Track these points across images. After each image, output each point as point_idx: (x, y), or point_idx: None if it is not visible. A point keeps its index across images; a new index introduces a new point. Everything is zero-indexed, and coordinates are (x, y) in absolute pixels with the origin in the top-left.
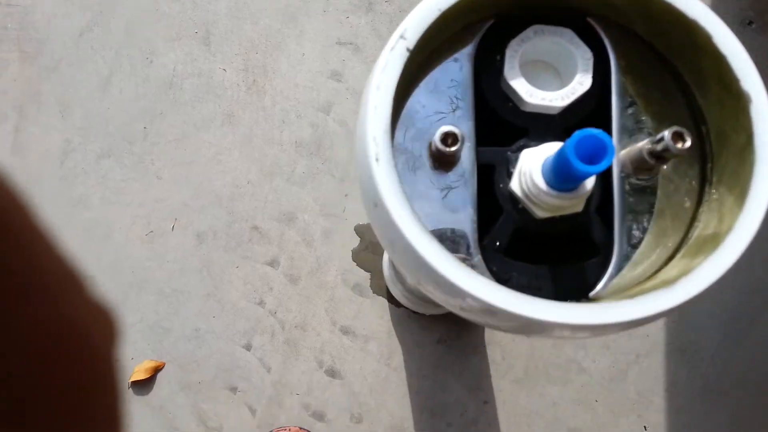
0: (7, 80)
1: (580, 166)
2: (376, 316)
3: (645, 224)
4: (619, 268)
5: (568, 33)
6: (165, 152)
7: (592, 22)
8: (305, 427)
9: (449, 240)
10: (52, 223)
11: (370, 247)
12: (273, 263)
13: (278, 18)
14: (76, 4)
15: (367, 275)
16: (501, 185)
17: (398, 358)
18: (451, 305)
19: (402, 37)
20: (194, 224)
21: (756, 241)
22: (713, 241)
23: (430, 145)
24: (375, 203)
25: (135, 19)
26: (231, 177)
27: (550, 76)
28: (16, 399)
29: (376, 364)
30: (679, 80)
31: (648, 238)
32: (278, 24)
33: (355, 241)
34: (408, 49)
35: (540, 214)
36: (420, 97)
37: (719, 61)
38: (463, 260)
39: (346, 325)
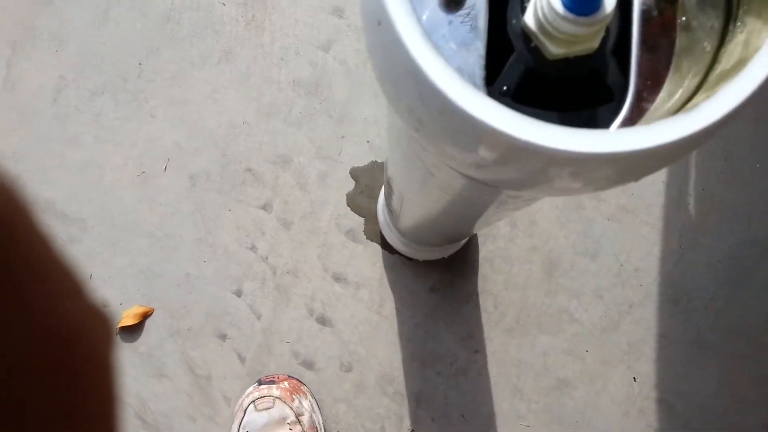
0: (0, 14)
1: None
2: (369, 262)
3: (663, 65)
4: (634, 112)
5: None
6: (160, 90)
7: None
8: (294, 376)
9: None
10: (43, 164)
11: (365, 191)
12: (266, 207)
13: None
14: None
15: (361, 220)
16: (513, 21)
17: (390, 306)
18: (463, 153)
19: None
20: (187, 166)
21: (755, 194)
22: (738, 67)
23: None
24: (379, 20)
25: None
26: (226, 117)
27: None
28: (16, 399)
29: (367, 312)
30: None
31: (667, 80)
32: None
33: (351, 185)
34: None
35: (553, 50)
36: None
37: None
38: None
39: (338, 271)
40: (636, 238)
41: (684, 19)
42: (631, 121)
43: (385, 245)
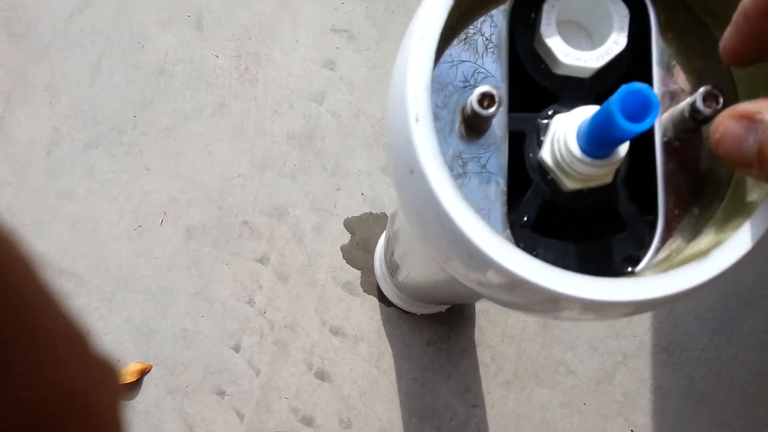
0: None
1: (625, 125)
2: (366, 315)
3: (683, 195)
4: (657, 242)
5: None
6: (154, 142)
7: None
8: None
9: (478, 213)
10: (37, 217)
11: (361, 244)
12: (263, 260)
13: (272, 3)
14: None
15: (358, 273)
16: (531, 155)
17: (388, 359)
18: (473, 280)
19: None
20: (183, 219)
21: None
22: (746, 210)
23: (463, 109)
24: (411, 170)
25: (126, 1)
26: (221, 169)
27: (581, 38)
28: None
29: (365, 366)
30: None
31: (690, 211)
32: (272, 9)
33: (346, 238)
34: None
35: (569, 185)
36: (452, 57)
37: None
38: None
39: (335, 325)
40: None
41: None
42: (657, 251)
43: (382, 298)
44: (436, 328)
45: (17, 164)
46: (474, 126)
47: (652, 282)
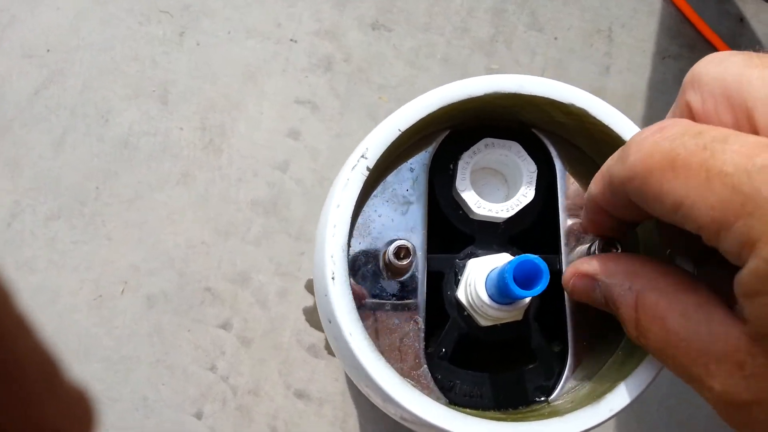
0: None
1: (517, 291)
2: (331, 377)
3: (590, 329)
4: (567, 373)
5: (516, 146)
6: (117, 213)
7: (538, 134)
8: None
9: (397, 349)
10: None
11: None
12: (226, 326)
13: (237, 77)
14: (33, 62)
15: (322, 335)
16: (449, 292)
17: (353, 421)
18: (393, 415)
19: (363, 156)
20: (144, 287)
21: None
22: (641, 353)
23: (383, 255)
24: (329, 319)
25: (93, 77)
26: (184, 238)
27: (498, 182)
28: None
29: (330, 429)
30: None
31: (595, 343)
32: (237, 83)
33: (310, 300)
34: (368, 168)
35: (483, 322)
36: (376, 206)
37: None
38: (410, 374)
39: (300, 388)
40: None
41: None
42: (567, 380)
43: None
44: None
45: None
46: (393, 270)
47: (546, 427)
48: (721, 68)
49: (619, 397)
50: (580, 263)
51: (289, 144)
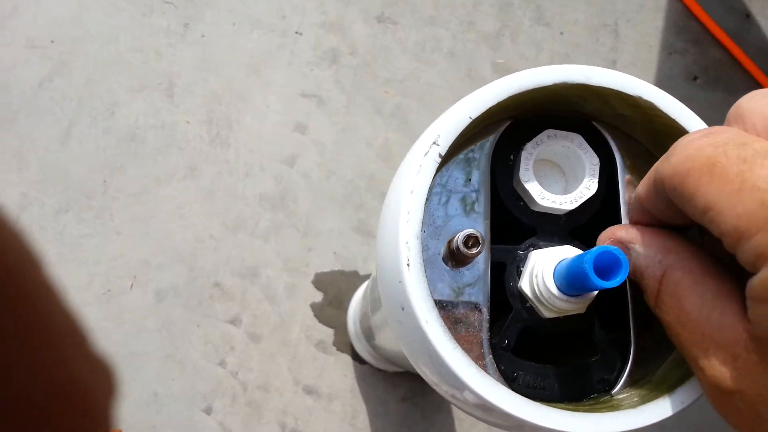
0: None
1: (597, 281)
2: (340, 373)
3: (653, 322)
4: (630, 368)
5: (578, 138)
6: (125, 207)
7: (598, 126)
8: None
9: (464, 339)
10: None
11: (333, 303)
12: (235, 321)
13: (242, 70)
14: (36, 53)
15: (331, 331)
16: (511, 283)
17: (363, 417)
18: (461, 404)
19: (435, 143)
20: (153, 282)
21: None
22: None
23: (448, 243)
24: (402, 307)
25: (97, 69)
26: (192, 232)
27: (556, 174)
28: None
29: (340, 425)
30: None
31: (657, 337)
32: (243, 76)
33: (319, 296)
34: (440, 155)
35: (547, 314)
36: (438, 194)
37: None
38: (476, 360)
39: (309, 384)
40: None
41: None
42: (631, 374)
43: (356, 356)
44: (410, 384)
45: None
46: (459, 259)
47: (613, 418)
48: (763, 103)
49: (690, 390)
50: (617, 228)
51: (296, 138)
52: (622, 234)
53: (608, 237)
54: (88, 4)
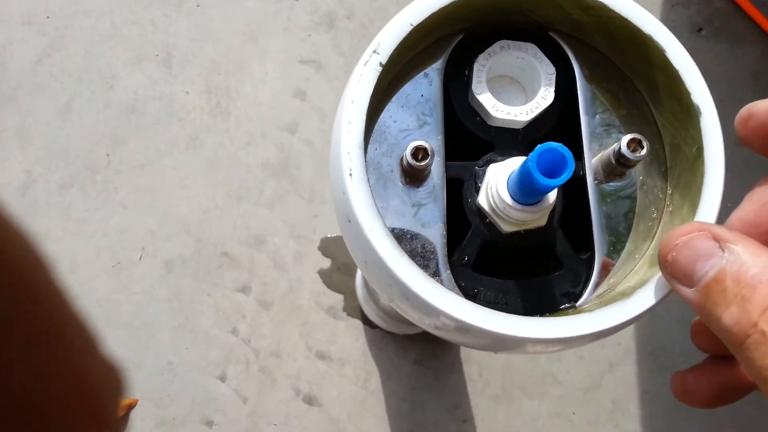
0: None
1: (542, 180)
2: (351, 338)
3: (617, 234)
4: (595, 279)
5: (532, 48)
6: (128, 179)
7: (554, 36)
8: None
9: (419, 255)
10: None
11: (342, 268)
12: (244, 289)
13: (239, 38)
14: (33, 29)
15: (341, 297)
16: (469, 200)
17: (375, 380)
18: (425, 324)
19: (375, 51)
20: (161, 253)
21: None
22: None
23: (401, 160)
24: (348, 218)
25: (94, 42)
26: (197, 202)
27: (515, 90)
28: None
29: (353, 388)
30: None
31: (625, 249)
32: (239, 44)
33: (327, 263)
34: (381, 64)
35: (506, 228)
36: (391, 112)
37: (672, 75)
38: (433, 275)
39: (321, 349)
40: None
41: (642, 183)
42: (596, 287)
43: (366, 320)
44: (422, 347)
45: None
46: (412, 175)
47: (576, 321)
48: None
49: (649, 293)
50: (712, 225)
51: (296, 105)
52: (719, 231)
53: (695, 228)
54: None
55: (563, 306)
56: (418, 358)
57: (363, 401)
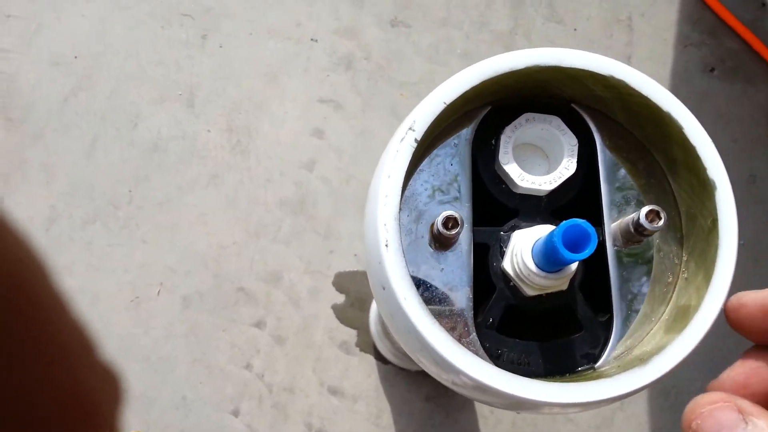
0: None
1: (566, 254)
2: (364, 374)
3: (634, 298)
4: (614, 341)
5: (556, 120)
6: (150, 216)
7: (577, 108)
8: None
9: (447, 317)
10: None
11: (356, 304)
12: (260, 324)
13: (260, 78)
14: (61, 69)
15: (354, 332)
16: (494, 264)
17: (387, 417)
18: (445, 380)
19: (411, 129)
20: (180, 288)
21: (731, 286)
22: (684, 318)
23: (431, 226)
24: (383, 286)
25: (120, 83)
26: (216, 239)
27: (538, 157)
28: None
29: (365, 425)
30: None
31: (641, 311)
32: (260, 84)
33: (341, 298)
34: (416, 140)
35: (529, 292)
36: (422, 179)
37: (689, 150)
38: (459, 338)
39: (334, 385)
40: None
41: (659, 249)
42: (613, 348)
43: (379, 356)
44: (434, 384)
45: None
46: (442, 241)
47: (594, 387)
48: None
49: (666, 359)
50: (737, 397)
51: (314, 143)
52: (742, 402)
53: (723, 399)
54: (108, 19)
55: (582, 367)
56: (431, 395)
57: None
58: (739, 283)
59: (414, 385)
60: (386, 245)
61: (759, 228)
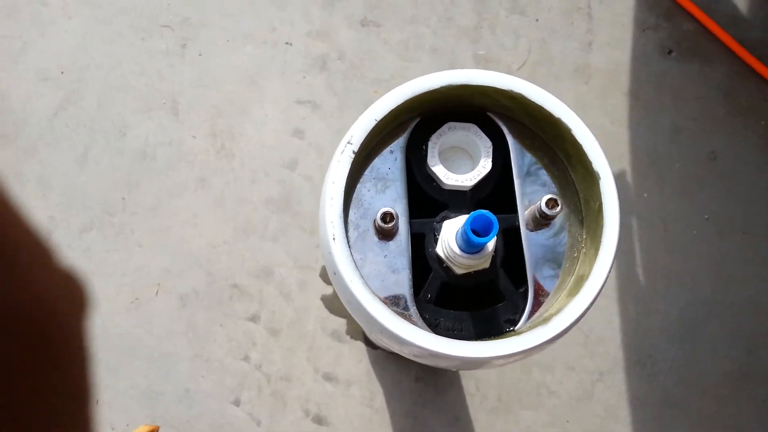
0: None
1: (474, 238)
2: (355, 360)
3: (545, 270)
4: (530, 307)
5: (474, 127)
6: (143, 220)
7: (491, 116)
8: None
9: (392, 295)
10: None
11: None
12: (254, 318)
13: (240, 83)
14: (49, 84)
15: (343, 321)
16: (430, 249)
17: (380, 398)
18: (404, 353)
19: (349, 142)
20: (176, 288)
21: (694, 258)
22: (579, 285)
23: (374, 221)
24: (334, 272)
25: (105, 94)
26: (207, 238)
27: (465, 158)
28: None
29: (359, 407)
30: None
31: (556, 283)
32: (240, 88)
33: (329, 289)
34: (354, 152)
35: (458, 271)
36: (366, 183)
37: (578, 148)
38: (402, 313)
39: (328, 371)
40: (595, 309)
41: (568, 229)
42: (531, 314)
43: (368, 342)
44: (422, 365)
45: None
46: (383, 233)
47: (508, 343)
48: None
49: (563, 319)
50: None
51: (295, 143)
52: None
53: None
54: (91, 35)
55: (506, 330)
56: (419, 376)
57: (369, 419)
58: (705, 255)
59: (403, 367)
60: (333, 239)
61: (721, 202)
